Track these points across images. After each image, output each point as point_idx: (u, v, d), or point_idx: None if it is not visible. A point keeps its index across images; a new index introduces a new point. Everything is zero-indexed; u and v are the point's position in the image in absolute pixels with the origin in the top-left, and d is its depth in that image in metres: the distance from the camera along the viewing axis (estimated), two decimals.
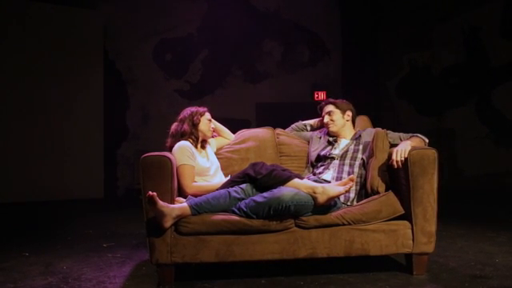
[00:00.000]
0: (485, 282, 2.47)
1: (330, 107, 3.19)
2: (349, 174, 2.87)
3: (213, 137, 3.18)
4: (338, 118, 3.15)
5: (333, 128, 3.14)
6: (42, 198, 6.23)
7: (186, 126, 2.91)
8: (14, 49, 6.28)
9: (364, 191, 2.85)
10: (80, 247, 3.51)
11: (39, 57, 6.41)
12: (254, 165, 2.65)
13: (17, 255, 3.25)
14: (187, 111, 2.99)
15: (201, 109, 3.01)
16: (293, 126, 3.48)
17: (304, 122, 3.47)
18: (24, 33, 6.34)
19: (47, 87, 6.46)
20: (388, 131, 2.99)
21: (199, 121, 2.95)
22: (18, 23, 6.30)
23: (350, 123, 3.19)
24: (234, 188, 2.60)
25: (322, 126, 3.36)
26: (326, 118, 3.17)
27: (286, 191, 2.46)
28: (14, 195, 6.09)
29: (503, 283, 2.44)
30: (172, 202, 2.52)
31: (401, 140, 2.89)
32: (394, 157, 2.61)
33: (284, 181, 2.55)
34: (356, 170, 2.92)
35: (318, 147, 3.17)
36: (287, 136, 3.40)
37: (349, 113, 3.18)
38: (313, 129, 3.43)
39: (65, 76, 6.57)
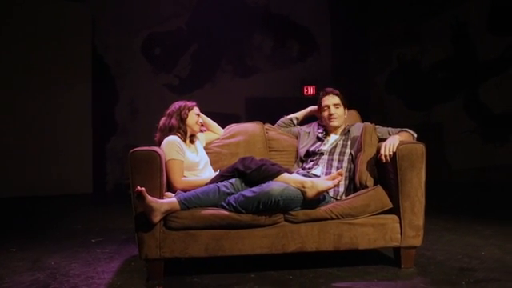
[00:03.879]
0: (471, 274, 2.51)
1: (336, 99, 3.11)
2: (337, 169, 2.87)
3: (202, 131, 3.16)
4: (342, 114, 3.12)
5: (335, 122, 3.09)
6: (29, 193, 6.16)
7: (173, 121, 2.90)
8: (1, 43, 6.19)
9: (353, 185, 2.86)
10: (68, 243, 3.48)
11: (27, 51, 6.31)
12: (243, 159, 2.65)
13: (4, 251, 3.22)
14: (175, 105, 2.97)
15: (189, 103, 2.99)
16: (279, 122, 3.44)
17: (290, 117, 3.43)
18: (11, 26, 6.24)
19: (35, 81, 6.37)
20: (377, 126, 3.00)
21: (187, 115, 2.93)
22: (4, 16, 6.21)
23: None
24: (223, 183, 2.59)
25: (309, 117, 3.34)
26: (333, 110, 3.08)
27: (276, 186, 2.46)
28: (0, 190, 6.02)
29: (489, 275, 2.48)
30: (161, 196, 2.51)
31: (389, 134, 2.90)
32: (382, 151, 2.62)
33: (273, 175, 2.55)
34: (345, 164, 2.92)
35: (306, 143, 3.16)
36: (276, 131, 3.39)
37: (346, 109, 3.18)
38: (299, 122, 3.41)
39: (53, 71, 6.48)
